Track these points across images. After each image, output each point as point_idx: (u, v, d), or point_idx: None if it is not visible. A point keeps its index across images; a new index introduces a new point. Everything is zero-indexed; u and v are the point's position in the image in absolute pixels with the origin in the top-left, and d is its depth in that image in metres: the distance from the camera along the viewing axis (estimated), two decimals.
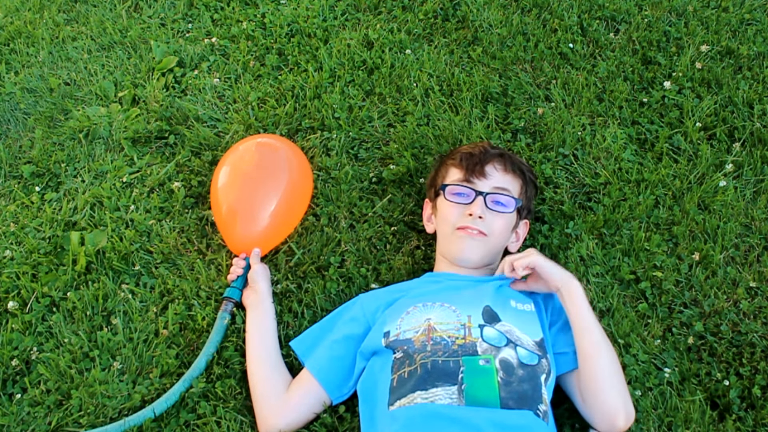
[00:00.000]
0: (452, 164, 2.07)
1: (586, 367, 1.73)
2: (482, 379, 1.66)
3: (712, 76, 2.49)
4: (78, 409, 1.91)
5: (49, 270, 2.18)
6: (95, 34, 2.89)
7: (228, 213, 2.16)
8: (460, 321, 1.77)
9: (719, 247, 2.11)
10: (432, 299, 1.85)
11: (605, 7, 2.72)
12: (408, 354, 1.73)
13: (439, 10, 2.78)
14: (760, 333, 1.97)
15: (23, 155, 2.53)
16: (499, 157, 2.05)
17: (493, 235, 1.95)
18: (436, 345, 1.73)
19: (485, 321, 1.78)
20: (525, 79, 2.53)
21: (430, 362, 1.69)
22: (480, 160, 2.02)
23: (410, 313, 1.83)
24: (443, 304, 1.83)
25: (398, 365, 1.73)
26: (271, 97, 2.55)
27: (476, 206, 1.94)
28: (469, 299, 1.84)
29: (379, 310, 1.90)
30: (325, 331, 1.95)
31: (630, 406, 1.71)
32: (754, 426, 1.82)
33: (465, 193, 1.99)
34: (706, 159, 2.28)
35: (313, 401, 1.85)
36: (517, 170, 2.06)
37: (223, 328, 2.01)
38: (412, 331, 1.78)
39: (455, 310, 1.81)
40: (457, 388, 1.64)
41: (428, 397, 1.64)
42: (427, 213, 2.13)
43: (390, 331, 1.81)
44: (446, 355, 1.70)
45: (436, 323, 1.78)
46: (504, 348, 1.72)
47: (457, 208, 1.97)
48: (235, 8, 2.87)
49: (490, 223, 1.95)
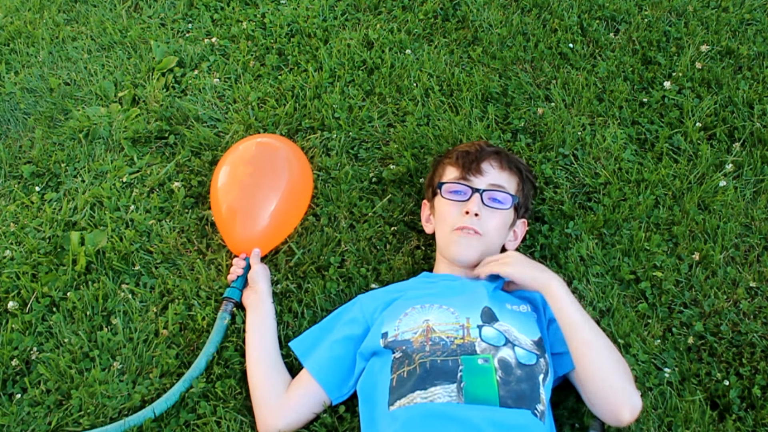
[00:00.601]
0: (449, 163, 2.08)
1: (580, 365, 1.72)
2: (481, 378, 1.66)
3: (712, 76, 2.49)
4: (78, 409, 1.91)
5: (49, 270, 2.18)
6: (95, 34, 2.89)
7: (228, 213, 2.15)
8: (458, 322, 1.78)
9: (719, 247, 2.11)
10: (430, 301, 1.85)
11: (605, 7, 2.72)
12: (407, 354, 1.73)
13: (439, 10, 2.78)
14: (760, 333, 1.97)
15: (23, 155, 2.53)
16: (495, 154, 2.06)
17: (488, 234, 1.95)
18: (434, 345, 1.73)
19: (484, 321, 1.78)
20: (525, 79, 2.53)
21: (429, 362, 1.69)
22: (476, 157, 2.03)
23: (408, 315, 1.83)
24: (441, 306, 1.83)
25: (397, 365, 1.73)
26: (271, 97, 2.55)
27: (473, 203, 1.95)
28: (466, 302, 1.84)
29: (377, 310, 1.90)
30: (324, 331, 1.95)
31: (635, 398, 1.68)
32: (754, 426, 1.82)
33: (461, 190, 1.99)
34: (706, 159, 2.28)
35: (312, 401, 1.85)
36: (514, 167, 2.07)
37: (223, 329, 2.01)
38: (410, 332, 1.78)
39: (453, 312, 1.81)
40: (456, 386, 1.64)
41: (427, 397, 1.64)
42: (426, 214, 2.14)
43: (388, 332, 1.81)
44: (445, 355, 1.70)
45: (434, 324, 1.78)
46: (502, 347, 1.72)
47: (455, 206, 1.98)
48: (235, 8, 2.87)
49: (486, 221, 1.95)
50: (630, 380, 1.71)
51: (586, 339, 1.73)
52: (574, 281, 2.06)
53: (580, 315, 1.77)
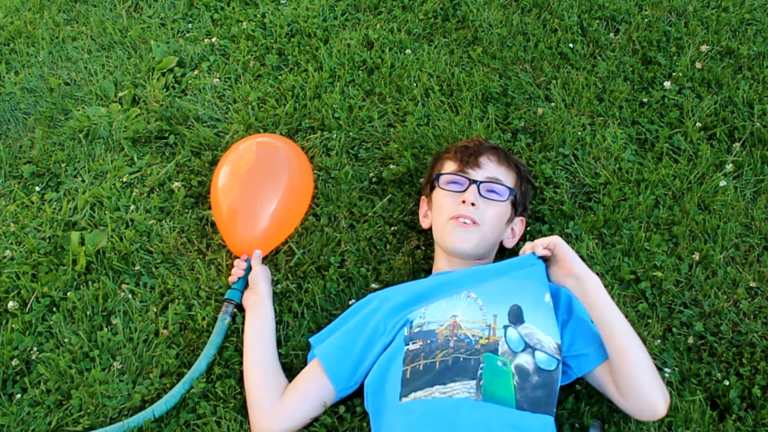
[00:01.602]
0: (447, 157, 2.09)
1: (620, 360, 1.68)
2: (499, 379, 1.67)
3: (712, 76, 2.49)
4: (78, 409, 1.91)
5: (49, 270, 2.18)
6: (95, 34, 2.89)
7: (228, 213, 2.15)
8: (485, 321, 1.77)
9: (719, 247, 2.11)
10: (457, 289, 1.84)
11: (605, 7, 2.72)
12: (429, 348, 1.73)
13: (439, 10, 2.78)
14: (760, 333, 1.97)
15: (23, 155, 2.53)
16: (493, 149, 2.08)
17: (485, 224, 1.95)
18: (459, 342, 1.73)
19: (510, 321, 1.76)
20: (525, 79, 2.53)
21: (452, 359, 1.70)
22: (474, 151, 2.05)
23: (435, 304, 1.82)
24: (469, 295, 1.82)
25: (412, 357, 1.73)
26: (271, 97, 2.55)
27: (469, 193, 1.95)
28: (497, 292, 1.81)
29: (398, 302, 1.88)
30: (339, 324, 1.94)
31: (665, 389, 1.68)
32: (754, 426, 1.82)
33: (459, 181, 2.00)
34: (706, 159, 2.28)
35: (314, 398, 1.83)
36: (512, 164, 2.08)
37: (223, 330, 2.00)
38: (436, 324, 1.78)
39: (482, 307, 1.79)
40: (476, 383, 1.66)
41: (447, 392, 1.65)
42: (423, 209, 2.14)
43: (413, 321, 1.81)
44: (468, 353, 1.71)
45: (462, 320, 1.77)
46: (520, 354, 1.72)
47: (452, 196, 1.98)
48: (235, 8, 2.87)
49: (483, 211, 1.95)
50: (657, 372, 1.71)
51: (626, 332, 1.70)
52: None
53: (617, 308, 1.73)
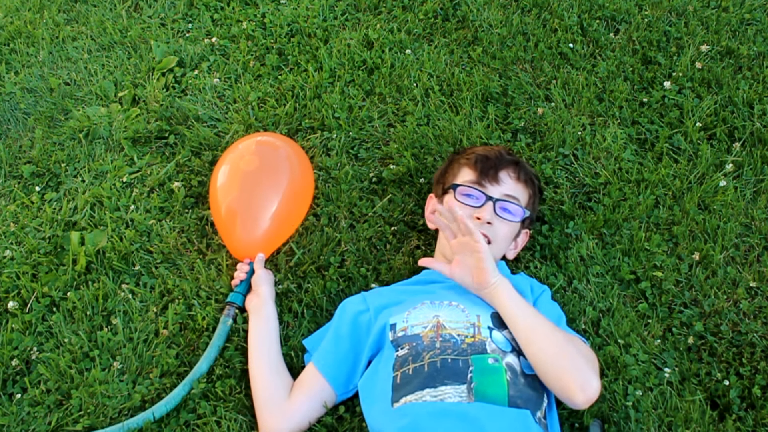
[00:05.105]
0: (466, 164, 2.05)
1: (527, 354, 1.72)
2: (491, 377, 1.67)
3: (712, 76, 2.49)
4: (78, 409, 1.91)
5: (49, 270, 2.18)
6: (95, 34, 2.89)
7: (227, 214, 2.13)
8: (469, 320, 1.78)
9: (719, 247, 2.11)
10: (440, 298, 1.85)
11: (605, 7, 2.72)
12: (416, 351, 1.73)
13: (439, 10, 2.78)
14: (760, 333, 1.97)
15: (23, 155, 2.53)
16: (514, 164, 2.04)
17: (496, 242, 1.95)
18: (445, 342, 1.73)
19: (494, 325, 1.78)
20: (525, 79, 2.53)
21: (440, 360, 1.70)
22: (495, 164, 2.01)
23: (418, 308, 1.83)
24: (451, 303, 1.83)
25: (401, 363, 1.73)
26: (271, 97, 2.55)
27: (485, 211, 1.93)
28: (477, 301, 1.84)
29: (383, 306, 1.89)
30: (330, 326, 1.95)
31: (589, 380, 1.64)
32: (754, 426, 1.82)
33: (476, 195, 1.97)
34: (706, 159, 2.28)
35: (317, 398, 1.84)
36: (529, 180, 2.06)
37: (225, 333, 2.00)
38: (420, 326, 1.78)
39: (464, 309, 1.81)
40: (466, 387, 1.65)
41: (437, 395, 1.65)
42: (431, 208, 2.12)
43: (396, 324, 1.81)
44: (455, 354, 1.70)
45: (445, 321, 1.78)
46: (509, 353, 1.73)
47: (466, 210, 1.94)
48: (235, 8, 2.87)
49: (497, 229, 1.94)
50: (585, 364, 1.68)
51: (529, 327, 1.73)
52: (574, 281, 2.06)
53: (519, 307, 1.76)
